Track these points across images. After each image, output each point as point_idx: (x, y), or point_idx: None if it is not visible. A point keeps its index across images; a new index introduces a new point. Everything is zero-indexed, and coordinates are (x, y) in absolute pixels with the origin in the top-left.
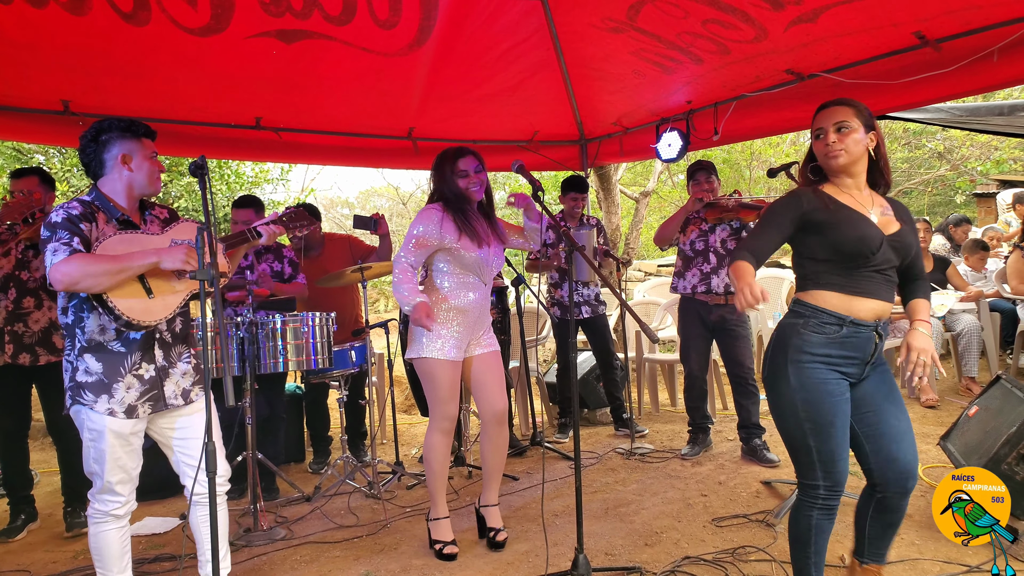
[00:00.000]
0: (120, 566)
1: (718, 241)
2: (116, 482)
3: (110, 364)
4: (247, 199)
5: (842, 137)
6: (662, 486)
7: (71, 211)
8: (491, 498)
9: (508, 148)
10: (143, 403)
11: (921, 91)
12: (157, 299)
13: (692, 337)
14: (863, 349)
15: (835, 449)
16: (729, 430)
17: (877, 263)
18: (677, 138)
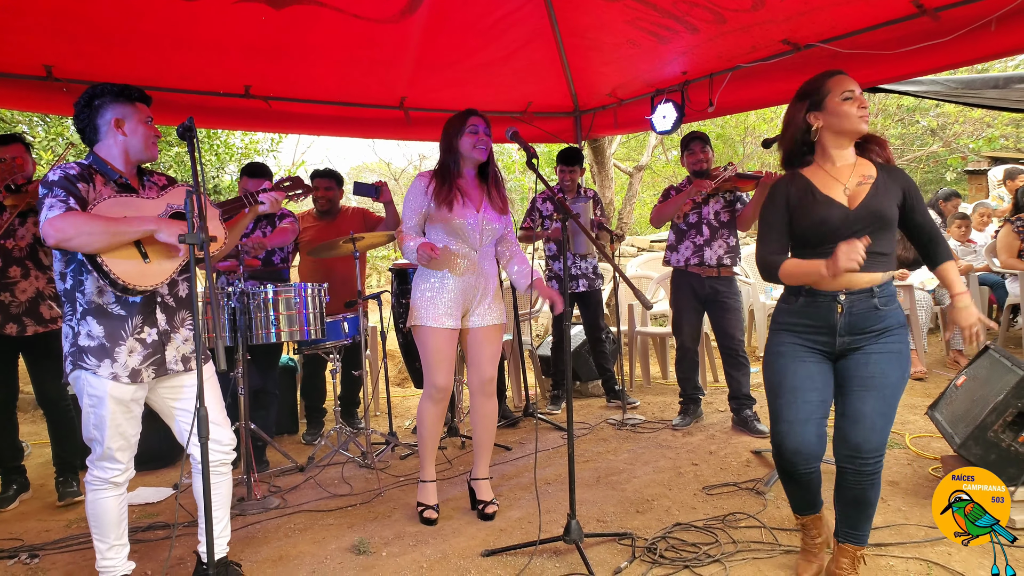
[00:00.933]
0: (117, 533)
1: (711, 213)
2: (116, 449)
3: (111, 327)
4: (259, 167)
5: (866, 102)
6: (653, 455)
7: (68, 171)
8: (481, 471)
9: (502, 119)
10: (147, 367)
11: (918, 61)
12: (153, 264)
13: (684, 309)
14: (825, 318)
15: (778, 410)
16: (720, 401)
17: (844, 238)
18: (672, 110)
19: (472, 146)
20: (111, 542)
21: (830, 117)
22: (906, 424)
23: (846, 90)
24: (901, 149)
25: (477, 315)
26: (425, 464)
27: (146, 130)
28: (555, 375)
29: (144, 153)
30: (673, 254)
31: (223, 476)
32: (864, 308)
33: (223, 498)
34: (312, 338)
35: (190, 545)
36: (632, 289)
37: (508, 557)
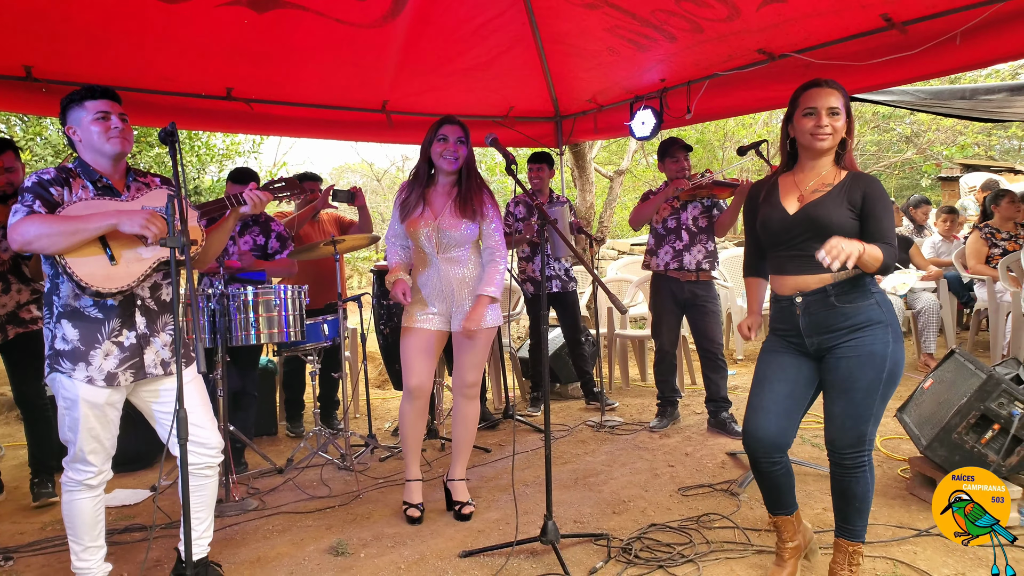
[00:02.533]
0: (92, 535)
1: (690, 219)
2: (88, 451)
3: (87, 331)
4: (245, 172)
5: (833, 121)
6: (630, 457)
7: (43, 176)
8: (457, 472)
9: (483, 123)
10: (124, 371)
11: (887, 73)
12: (121, 266)
13: (663, 313)
14: (790, 321)
15: (752, 400)
16: (697, 404)
17: (789, 242)
18: (651, 116)
19: (439, 155)
20: (86, 543)
21: (796, 131)
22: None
23: (808, 106)
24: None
25: (457, 319)
26: (409, 463)
27: (98, 127)
28: (534, 377)
29: (104, 148)
30: (653, 258)
31: (207, 479)
32: (822, 308)
33: (207, 499)
34: (292, 340)
35: (167, 546)
36: (608, 294)
37: (485, 558)
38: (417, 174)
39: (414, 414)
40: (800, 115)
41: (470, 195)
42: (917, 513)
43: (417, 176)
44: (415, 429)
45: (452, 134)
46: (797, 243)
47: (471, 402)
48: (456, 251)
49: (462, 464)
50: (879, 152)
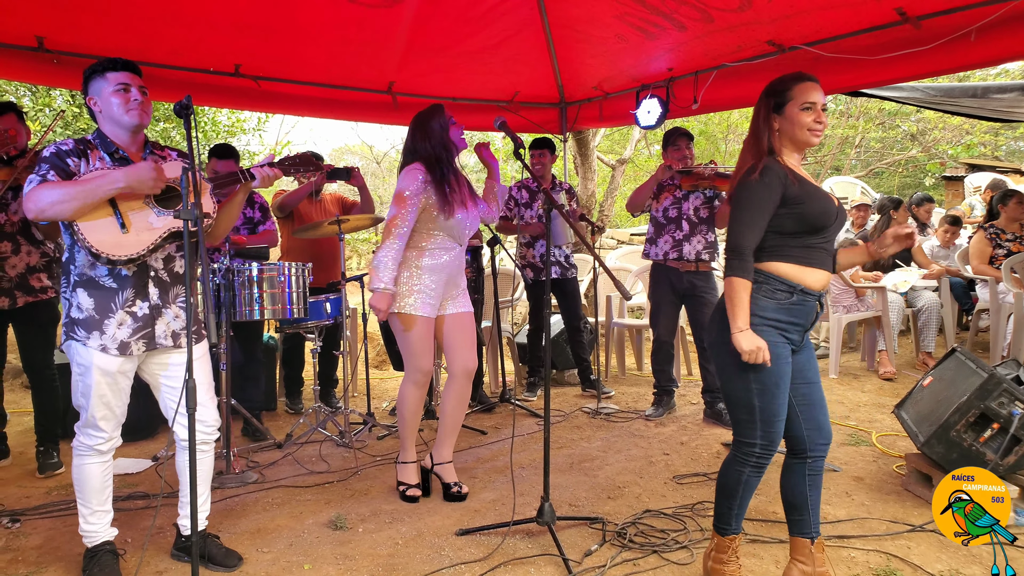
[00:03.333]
0: (100, 499)
1: (691, 209)
2: (99, 418)
3: (101, 300)
4: (228, 148)
5: (825, 117)
6: (626, 444)
7: (62, 147)
8: (446, 454)
9: (488, 107)
10: (136, 340)
11: (899, 68)
12: (131, 234)
13: (662, 303)
14: (807, 317)
15: (777, 410)
16: (693, 394)
17: (829, 235)
18: (657, 105)
19: (460, 137)
20: (94, 507)
21: (786, 123)
22: (873, 423)
23: (807, 100)
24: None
25: (455, 302)
26: (407, 445)
27: (118, 99)
28: (531, 362)
29: (124, 120)
30: (652, 248)
31: (204, 454)
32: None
33: (205, 474)
34: (295, 317)
35: (170, 516)
36: (612, 279)
37: (482, 537)
38: (439, 159)
39: (421, 397)
40: (797, 108)
41: (470, 185)
42: (912, 509)
43: (440, 161)
44: (419, 411)
45: (454, 117)
46: (831, 237)
47: (469, 384)
48: (469, 238)
49: (451, 444)
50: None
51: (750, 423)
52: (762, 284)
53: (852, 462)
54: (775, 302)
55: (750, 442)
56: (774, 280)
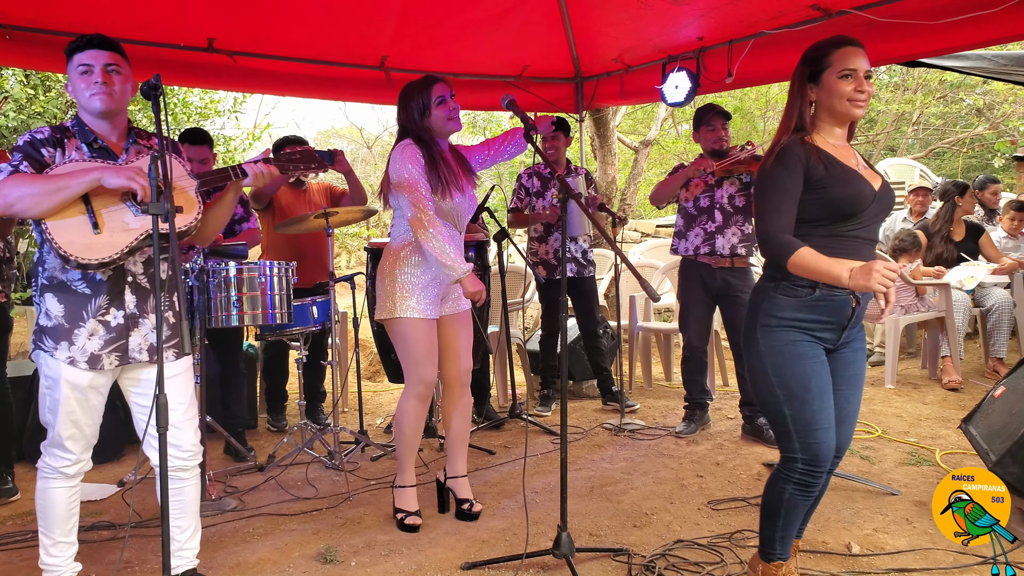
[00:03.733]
0: (64, 529)
1: (725, 197)
2: (66, 437)
3: (72, 307)
4: (200, 133)
5: (869, 86)
6: (653, 465)
7: (36, 135)
8: (459, 467)
9: (494, 84)
10: (108, 353)
11: (964, 33)
12: (104, 235)
13: (692, 303)
14: (839, 313)
15: (811, 417)
16: (730, 408)
17: (863, 222)
18: (686, 79)
19: (446, 119)
20: (56, 538)
21: (823, 93)
22: (936, 439)
23: (847, 67)
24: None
25: (451, 300)
26: (405, 467)
27: (82, 82)
28: (545, 372)
29: (89, 106)
30: (681, 241)
31: (183, 482)
32: (867, 301)
33: (186, 505)
34: (277, 322)
35: (139, 549)
36: (637, 277)
37: (491, 571)
38: (421, 139)
39: (422, 412)
40: (835, 76)
41: (465, 163)
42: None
43: (427, 142)
44: (420, 428)
45: (447, 92)
46: (869, 224)
47: (467, 389)
48: (466, 224)
49: (463, 458)
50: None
51: (786, 434)
52: (780, 280)
53: (913, 484)
54: (796, 300)
55: (791, 456)
56: (794, 275)
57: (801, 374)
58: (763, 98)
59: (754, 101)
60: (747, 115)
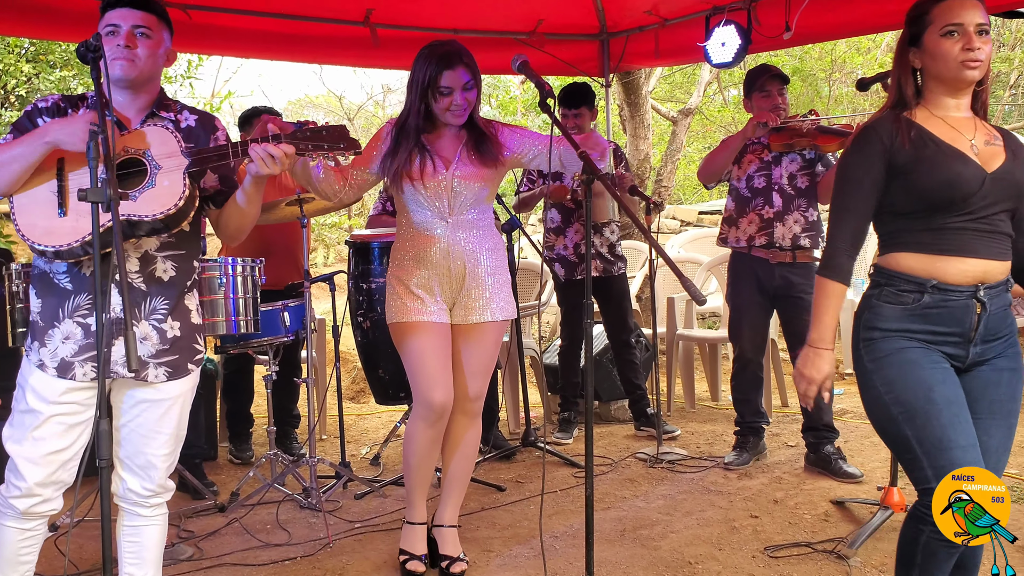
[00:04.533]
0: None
1: (784, 176)
2: (24, 458)
3: (51, 303)
4: None
5: (984, 42)
6: (698, 503)
7: (39, 104)
8: (448, 514)
9: (501, 42)
10: (83, 362)
11: None
12: (69, 218)
13: (745, 307)
14: (959, 322)
15: (941, 433)
16: (790, 433)
17: (975, 210)
18: (734, 34)
19: (444, 110)
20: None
21: (927, 58)
22: None
23: (951, 22)
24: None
25: (465, 307)
26: (414, 500)
27: (107, 46)
28: (565, 391)
29: (111, 73)
30: (732, 230)
31: (144, 520)
32: (1000, 306)
33: (145, 551)
34: (241, 331)
35: None
36: (678, 275)
37: None
38: (412, 119)
39: (432, 440)
40: (937, 35)
41: (484, 135)
42: None
43: (412, 122)
44: (430, 460)
45: (457, 84)
46: (986, 214)
47: (474, 421)
48: (472, 212)
49: (455, 505)
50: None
51: (914, 461)
52: (883, 286)
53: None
54: (902, 307)
55: (924, 487)
56: (897, 278)
57: (919, 382)
58: (827, 57)
59: (817, 61)
60: (808, 78)
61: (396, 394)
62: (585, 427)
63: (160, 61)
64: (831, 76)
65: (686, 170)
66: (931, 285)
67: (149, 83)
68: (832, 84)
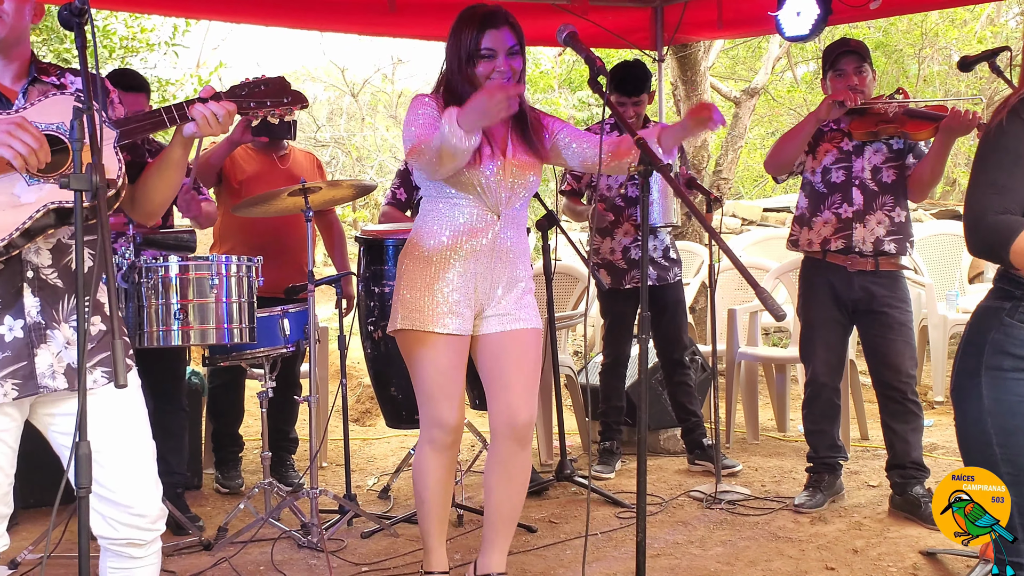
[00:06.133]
0: None
1: (867, 169)
2: None
3: None
4: (133, 77)
5: None
6: (764, 551)
7: None
8: (496, 561)
9: (541, 9)
10: (2, 380)
11: None
12: None
13: (820, 322)
14: None
15: None
16: (871, 471)
17: None
18: (812, 2)
19: (486, 78)
20: None
21: None
22: None
23: None
24: None
25: (499, 313)
26: (430, 544)
27: None
28: (607, 416)
29: None
30: (804, 231)
31: (136, 561)
32: None
33: None
34: (235, 341)
35: None
36: (754, 287)
37: None
38: (457, 92)
39: (445, 469)
40: None
41: (527, 122)
42: None
43: (458, 95)
44: (444, 493)
45: (501, 46)
46: None
47: (524, 449)
48: (520, 205)
49: (503, 549)
50: None
51: (1009, 529)
52: (1020, 300)
53: None
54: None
55: (1017, 561)
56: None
57: None
58: (917, 30)
59: (905, 35)
60: (894, 54)
61: (410, 416)
62: (638, 460)
63: (27, 15)
64: (920, 52)
65: (748, 159)
66: None
67: (20, 44)
68: (922, 61)
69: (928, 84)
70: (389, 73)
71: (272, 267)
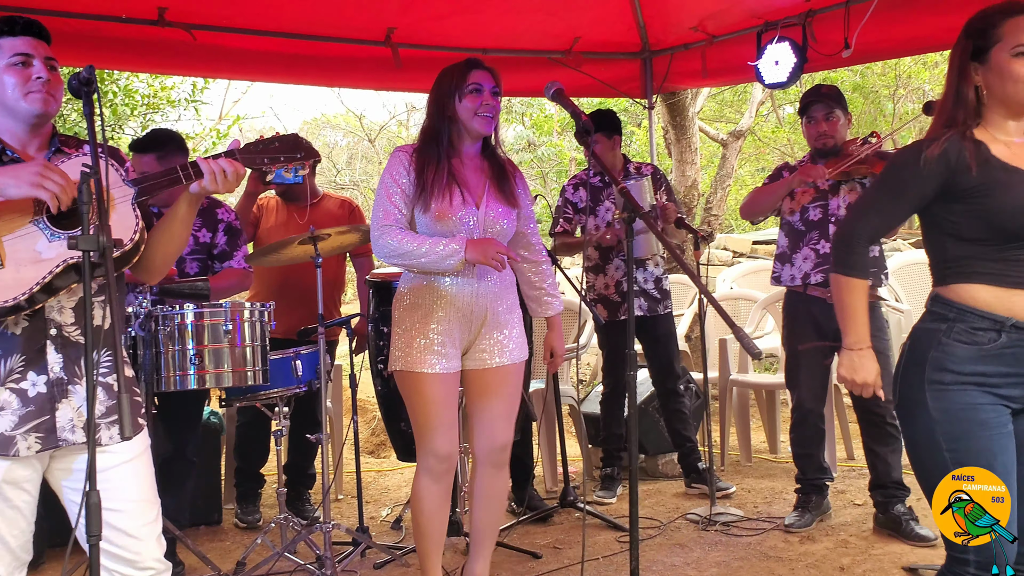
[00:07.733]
0: None
1: (842, 207)
2: None
3: None
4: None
5: None
6: (755, 571)
7: None
8: (480, 568)
9: (534, 62)
10: (26, 434)
11: None
12: (8, 270)
13: (803, 352)
14: None
15: None
16: (856, 490)
17: None
18: (788, 52)
19: (472, 112)
20: None
21: (991, 76)
22: None
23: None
24: None
25: (482, 350)
26: (428, 568)
27: (15, 77)
28: (608, 443)
29: (21, 107)
30: (785, 267)
31: None
32: None
33: None
34: (250, 384)
35: None
36: (731, 326)
37: None
38: (435, 138)
39: (440, 496)
40: (1007, 53)
41: (505, 171)
42: None
43: (436, 141)
44: (439, 519)
45: (487, 83)
46: None
47: (502, 472)
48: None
49: (486, 558)
50: None
51: None
52: (955, 322)
53: None
54: (976, 348)
55: (958, 556)
56: (971, 315)
57: (985, 450)
58: (891, 72)
59: (880, 77)
60: (871, 95)
61: None
62: (630, 485)
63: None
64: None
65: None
66: (1011, 324)
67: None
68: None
69: (903, 122)
70: (404, 119)
71: (289, 311)
